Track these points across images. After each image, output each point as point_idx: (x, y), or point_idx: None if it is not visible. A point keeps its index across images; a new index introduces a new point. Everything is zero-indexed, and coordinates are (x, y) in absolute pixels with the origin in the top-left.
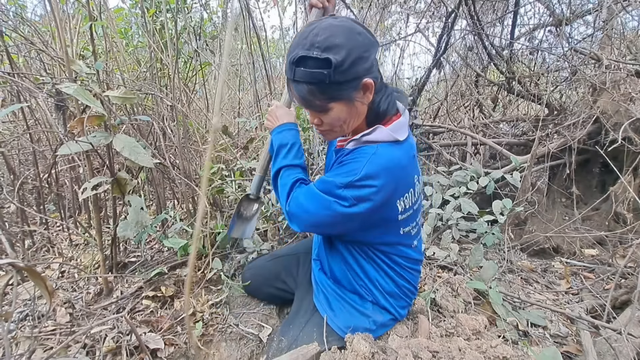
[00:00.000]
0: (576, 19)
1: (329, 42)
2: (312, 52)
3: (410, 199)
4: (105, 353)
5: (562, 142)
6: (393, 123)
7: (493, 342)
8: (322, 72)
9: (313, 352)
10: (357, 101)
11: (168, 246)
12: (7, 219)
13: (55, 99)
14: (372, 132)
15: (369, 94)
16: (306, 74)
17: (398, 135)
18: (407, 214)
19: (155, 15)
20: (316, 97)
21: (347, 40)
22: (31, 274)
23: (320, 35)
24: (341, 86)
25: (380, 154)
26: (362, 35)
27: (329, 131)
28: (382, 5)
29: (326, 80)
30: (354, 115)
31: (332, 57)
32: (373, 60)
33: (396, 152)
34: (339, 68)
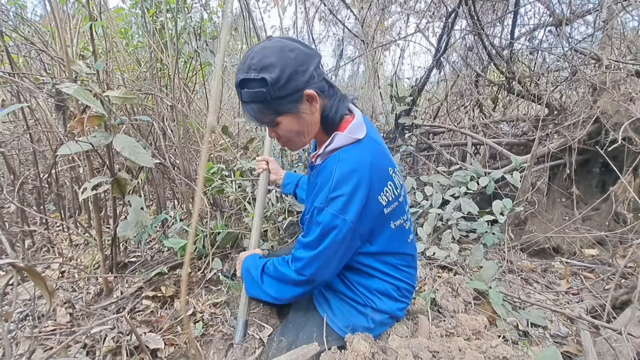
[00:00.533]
0: (576, 19)
1: (262, 63)
2: (250, 74)
3: (391, 191)
4: (105, 353)
5: (562, 142)
6: (348, 125)
7: (493, 342)
8: (262, 90)
9: (313, 352)
10: (303, 112)
11: (168, 246)
12: (7, 219)
13: (56, 99)
14: (332, 142)
15: (315, 104)
16: (249, 94)
17: (357, 135)
18: (392, 206)
19: (155, 15)
20: (263, 114)
21: (279, 59)
22: (31, 274)
23: (255, 58)
24: (283, 100)
25: (344, 158)
26: (295, 51)
27: (289, 142)
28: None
29: (267, 98)
30: (305, 126)
31: (267, 76)
32: (312, 72)
33: (359, 151)
34: (276, 85)
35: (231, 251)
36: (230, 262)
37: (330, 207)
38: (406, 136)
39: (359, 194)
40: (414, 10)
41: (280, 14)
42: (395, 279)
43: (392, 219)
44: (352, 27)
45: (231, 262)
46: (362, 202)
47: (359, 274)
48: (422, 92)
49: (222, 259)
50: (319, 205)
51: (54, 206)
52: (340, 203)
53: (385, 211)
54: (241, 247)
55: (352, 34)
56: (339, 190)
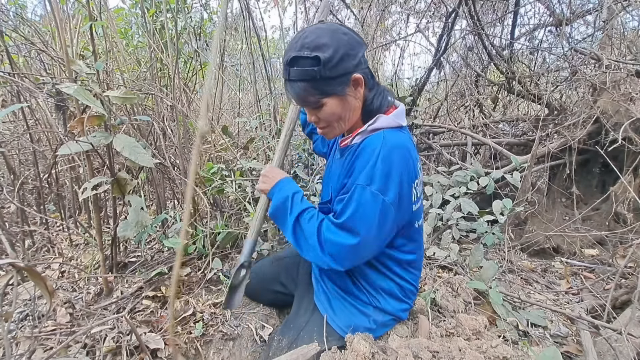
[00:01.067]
0: (576, 19)
1: (317, 42)
2: (302, 52)
3: (419, 186)
4: (105, 353)
5: (562, 142)
6: (393, 111)
7: (493, 342)
8: (313, 69)
9: (313, 352)
10: (349, 95)
11: (168, 246)
12: (7, 219)
13: (56, 99)
14: (376, 121)
15: (360, 89)
16: (299, 72)
17: (401, 121)
18: (417, 205)
19: (155, 15)
20: (310, 94)
21: (333, 40)
22: (31, 274)
23: (309, 37)
24: (332, 81)
25: (389, 138)
26: (347, 35)
27: (328, 127)
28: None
29: (317, 77)
30: (347, 110)
31: (320, 55)
32: (361, 57)
33: (402, 136)
34: (328, 64)
35: (231, 251)
36: (230, 262)
37: (373, 185)
38: None
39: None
40: (414, 10)
41: (280, 14)
42: (401, 279)
43: (417, 217)
44: (352, 27)
45: (231, 262)
46: (400, 186)
47: (367, 271)
48: (422, 92)
49: (222, 259)
50: (362, 183)
51: (54, 206)
52: (383, 183)
53: (414, 207)
54: (241, 247)
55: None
56: (383, 169)
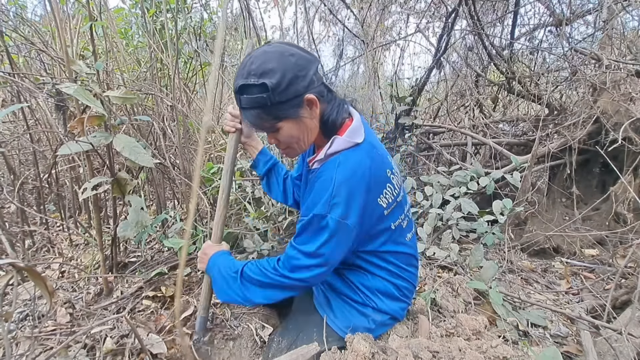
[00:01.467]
0: (576, 19)
1: (263, 68)
2: (249, 79)
3: (390, 193)
4: (105, 353)
5: (563, 142)
6: (348, 129)
7: (493, 342)
8: (262, 96)
9: (313, 352)
10: (303, 117)
11: (168, 246)
12: (7, 219)
13: (56, 99)
14: (332, 145)
15: (315, 108)
16: (249, 100)
17: (355, 139)
18: (391, 207)
19: (155, 16)
20: (264, 120)
21: (279, 64)
22: (31, 274)
23: (255, 63)
24: (283, 105)
25: (344, 162)
26: (295, 56)
27: (288, 149)
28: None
29: (267, 103)
30: (305, 131)
31: (267, 81)
32: (312, 76)
33: (358, 156)
34: (277, 89)
35: (231, 251)
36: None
37: (333, 213)
38: (406, 136)
39: (360, 199)
40: (414, 10)
41: (280, 14)
42: (397, 278)
43: (392, 219)
44: (352, 27)
45: None
46: (362, 207)
47: (360, 274)
48: (422, 92)
49: None
50: (321, 213)
51: (54, 206)
52: (342, 208)
53: (385, 213)
54: (241, 247)
55: (352, 34)
56: (339, 196)
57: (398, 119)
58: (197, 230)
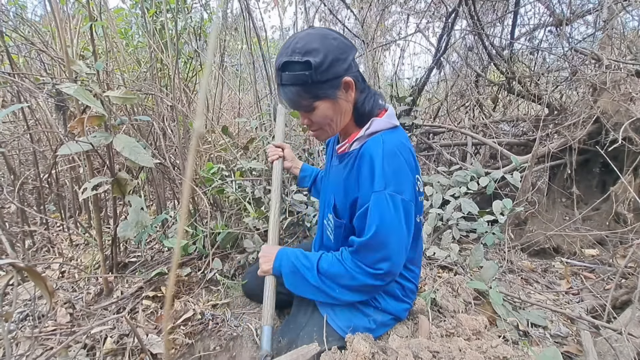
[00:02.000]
0: (576, 19)
1: (307, 47)
2: (294, 57)
3: (420, 184)
4: (105, 353)
5: (563, 142)
6: (385, 114)
7: (493, 342)
8: (305, 73)
9: (313, 352)
10: (340, 99)
11: (168, 246)
12: (7, 219)
13: (56, 99)
14: (371, 125)
15: (351, 92)
16: (291, 77)
17: (394, 122)
18: (420, 197)
19: (155, 16)
20: (302, 97)
21: (323, 45)
22: (31, 274)
23: (300, 43)
24: (323, 85)
25: (387, 140)
26: (337, 40)
27: (320, 130)
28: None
29: (309, 81)
30: (339, 113)
31: (311, 59)
32: (351, 62)
33: (399, 137)
34: (319, 68)
35: (231, 251)
36: (231, 262)
37: (389, 188)
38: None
39: (410, 176)
40: (414, 10)
41: (280, 14)
42: (402, 278)
43: (418, 211)
44: (352, 27)
45: (231, 263)
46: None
47: None
48: (422, 92)
49: (222, 259)
50: (379, 189)
51: (54, 206)
52: (398, 184)
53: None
54: (241, 247)
55: (352, 34)
56: (392, 170)
57: (398, 119)
58: (197, 230)
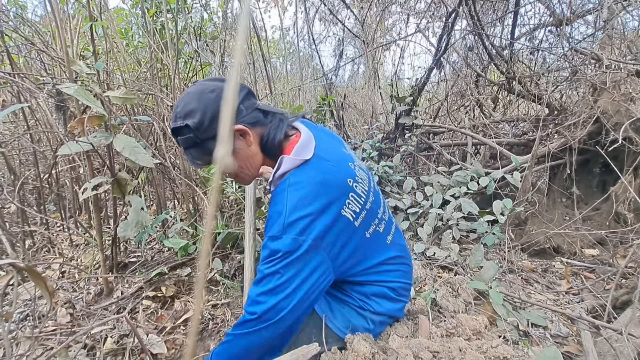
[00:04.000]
0: (576, 19)
1: (185, 110)
2: (177, 122)
3: (354, 202)
4: (105, 353)
5: (563, 142)
6: (294, 147)
7: (493, 342)
8: (190, 136)
9: (313, 352)
10: (238, 148)
11: (168, 246)
12: (7, 219)
13: (56, 100)
14: (280, 166)
15: (248, 137)
16: (182, 140)
17: (303, 156)
18: (361, 216)
19: (155, 16)
20: (201, 157)
21: (199, 103)
22: (32, 274)
23: (179, 106)
24: (213, 141)
25: (294, 182)
26: (215, 91)
27: (237, 177)
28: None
29: (197, 141)
30: (245, 160)
31: (189, 122)
32: (238, 107)
33: (307, 172)
34: (201, 128)
35: (231, 251)
36: (231, 262)
37: (289, 232)
38: (406, 136)
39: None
40: (414, 11)
41: (280, 14)
42: (389, 282)
43: (365, 228)
44: (352, 27)
45: (231, 262)
46: (324, 221)
47: (353, 284)
48: (422, 92)
49: (222, 259)
50: (275, 234)
51: (54, 206)
52: (301, 226)
53: (355, 224)
54: (241, 247)
55: (352, 34)
56: (295, 214)
57: (398, 119)
58: (197, 230)
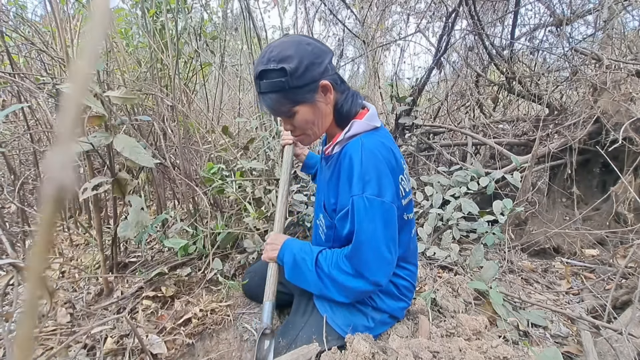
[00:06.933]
0: (577, 18)
1: (282, 55)
2: (269, 65)
3: (405, 182)
4: (105, 353)
5: (563, 142)
6: (366, 115)
7: (494, 342)
8: (281, 80)
9: (313, 352)
10: (319, 102)
11: (168, 246)
12: (7, 219)
13: (56, 99)
14: (351, 128)
15: (330, 94)
16: (268, 84)
17: (375, 123)
18: (407, 198)
19: (155, 16)
20: (281, 104)
21: (297, 51)
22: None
23: (274, 51)
24: (300, 90)
25: (368, 143)
26: (311, 45)
27: (303, 135)
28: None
29: (286, 87)
30: (319, 116)
31: (286, 66)
32: (327, 65)
33: (379, 138)
34: (295, 74)
35: (231, 251)
36: (231, 262)
37: (367, 191)
38: (406, 136)
39: (390, 177)
40: (414, 11)
41: (280, 14)
42: (397, 277)
43: (407, 210)
44: (352, 27)
45: (231, 263)
46: (393, 185)
47: None
48: (423, 92)
49: (222, 259)
50: (358, 193)
51: None
52: (376, 185)
53: (403, 202)
54: (241, 247)
55: (352, 34)
56: (369, 173)
57: (398, 119)
58: (197, 230)
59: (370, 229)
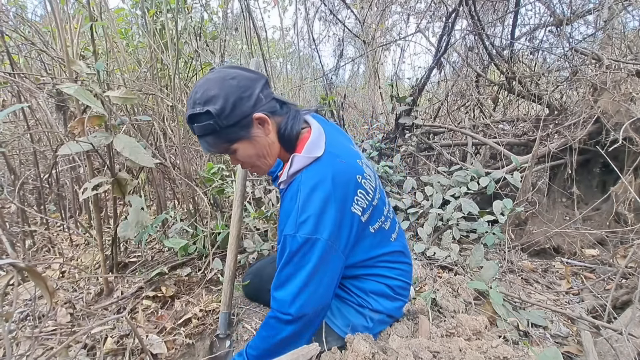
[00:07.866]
0: (577, 18)
1: (206, 96)
2: (195, 109)
3: (363, 198)
4: (105, 353)
5: (563, 142)
6: (305, 145)
7: (494, 343)
8: (209, 123)
9: (313, 352)
10: (256, 136)
11: (168, 246)
12: (7, 219)
13: (56, 99)
14: (292, 165)
15: (267, 125)
16: (199, 128)
17: (314, 153)
18: (367, 213)
19: (155, 16)
20: (218, 145)
21: (221, 89)
22: (32, 274)
23: (198, 92)
24: (233, 128)
25: (306, 179)
26: (236, 78)
27: (253, 167)
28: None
29: (217, 128)
30: (262, 148)
31: (211, 108)
32: (258, 95)
33: (319, 169)
34: (222, 115)
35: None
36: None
37: (301, 231)
38: (406, 136)
39: (330, 211)
40: (414, 11)
41: (280, 14)
42: (388, 278)
43: (370, 223)
44: (352, 27)
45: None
46: (335, 218)
47: (352, 279)
48: (423, 92)
49: (222, 259)
50: (290, 233)
51: (54, 206)
52: (312, 224)
53: (362, 219)
54: (241, 247)
55: (352, 34)
56: (306, 212)
57: (398, 119)
58: (197, 230)
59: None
